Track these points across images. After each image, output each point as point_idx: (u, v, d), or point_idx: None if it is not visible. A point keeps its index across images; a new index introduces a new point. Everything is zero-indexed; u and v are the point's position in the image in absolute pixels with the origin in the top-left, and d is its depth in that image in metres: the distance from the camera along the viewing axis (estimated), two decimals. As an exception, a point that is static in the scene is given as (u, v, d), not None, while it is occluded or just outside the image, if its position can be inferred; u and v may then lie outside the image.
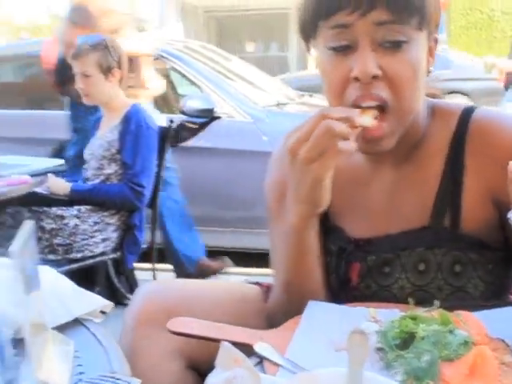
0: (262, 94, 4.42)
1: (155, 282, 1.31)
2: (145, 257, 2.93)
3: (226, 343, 0.77)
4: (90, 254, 2.67)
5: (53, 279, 1.11)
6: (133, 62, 3.18)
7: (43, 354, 0.92)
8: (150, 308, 1.18)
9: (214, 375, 0.76)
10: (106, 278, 2.77)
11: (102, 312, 1.15)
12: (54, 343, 0.99)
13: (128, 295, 2.79)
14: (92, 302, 1.12)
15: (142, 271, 2.99)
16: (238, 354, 0.75)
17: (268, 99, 4.29)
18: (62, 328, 1.05)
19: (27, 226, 0.95)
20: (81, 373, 0.94)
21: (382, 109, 1.03)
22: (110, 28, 3.18)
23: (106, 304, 1.13)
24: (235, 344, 0.80)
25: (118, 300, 2.69)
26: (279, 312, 1.14)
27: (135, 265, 2.88)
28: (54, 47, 3.51)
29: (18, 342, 0.97)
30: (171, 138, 2.95)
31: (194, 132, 3.72)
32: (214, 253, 3.50)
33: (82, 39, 2.88)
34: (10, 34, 19.60)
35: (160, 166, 2.87)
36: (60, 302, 1.07)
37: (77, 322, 1.08)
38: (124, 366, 0.98)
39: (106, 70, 2.75)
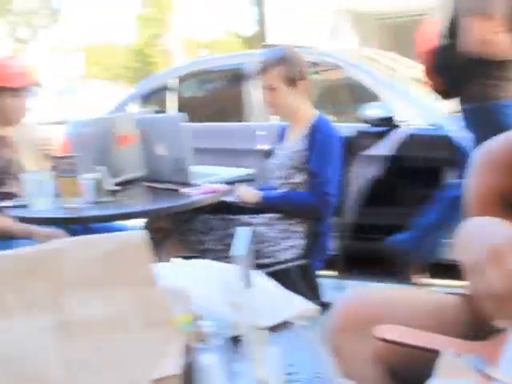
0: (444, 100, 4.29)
1: (358, 288, 1.33)
2: (330, 264, 2.95)
3: (449, 352, 0.76)
4: (277, 260, 2.73)
5: (264, 282, 1.17)
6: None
7: (259, 353, 0.97)
8: (352, 313, 1.20)
9: (433, 384, 0.76)
10: (291, 284, 2.83)
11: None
12: (267, 343, 1.04)
13: (312, 301, 2.83)
14: (300, 305, 1.16)
15: (326, 278, 3.01)
16: (463, 365, 0.74)
17: (451, 105, 4.16)
18: (272, 329, 1.11)
19: (244, 232, 1.01)
20: (292, 373, 0.99)
21: None
22: None
23: (312, 308, 1.17)
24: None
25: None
26: None
27: (320, 272, 2.91)
28: (433, 28, 3.33)
29: (234, 341, 1.03)
30: (354, 147, 2.96)
31: (373, 141, 3.72)
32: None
33: (264, 53, 2.96)
34: (189, 52, 20.74)
35: (345, 174, 2.89)
36: (271, 304, 1.12)
37: (286, 323, 1.14)
38: (332, 367, 1.01)
39: (291, 82, 2.82)
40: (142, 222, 2.93)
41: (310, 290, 2.87)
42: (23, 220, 2.57)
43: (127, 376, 0.70)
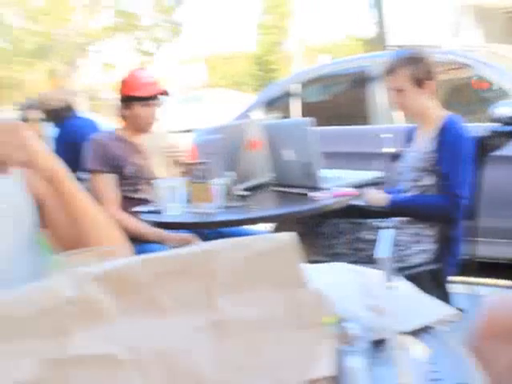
0: None
1: (503, 295, 1.29)
2: (462, 269, 2.85)
3: None
4: (408, 265, 2.68)
5: (404, 286, 1.15)
6: None
7: (402, 358, 0.95)
8: (498, 320, 1.16)
9: None
10: (422, 289, 2.76)
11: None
12: (410, 348, 1.02)
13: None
14: (441, 309, 1.13)
15: (457, 284, 2.92)
16: None
17: None
18: (413, 333, 1.08)
19: (388, 234, 1.00)
20: (437, 379, 0.96)
21: None
22: None
23: (453, 313, 1.13)
24: None
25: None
26: None
27: (451, 277, 2.82)
28: None
29: (376, 344, 1.02)
30: (486, 147, 2.85)
31: (505, 140, 3.56)
32: None
33: (391, 54, 2.93)
34: (309, 57, 20.83)
35: (477, 176, 2.79)
36: (412, 308, 1.10)
37: (427, 328, 1.11)
38: (478, 375, 0.98)
39: (419, 83, 2.76)
40: (270, 226, 2.97)
41: (440, 296, 2.79)
42: (156, 225, 2.66)
43: (280, 377, 0.71)
